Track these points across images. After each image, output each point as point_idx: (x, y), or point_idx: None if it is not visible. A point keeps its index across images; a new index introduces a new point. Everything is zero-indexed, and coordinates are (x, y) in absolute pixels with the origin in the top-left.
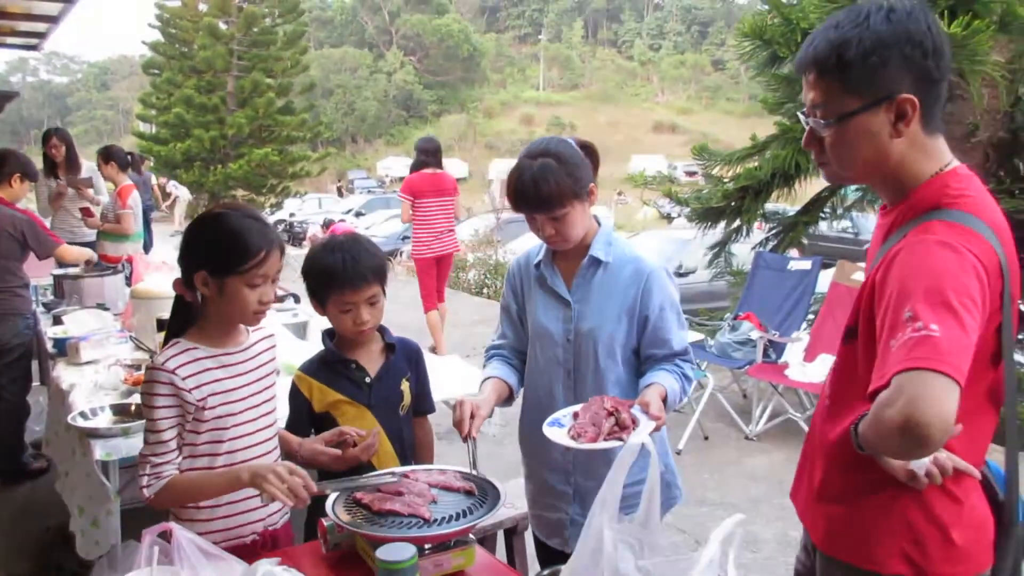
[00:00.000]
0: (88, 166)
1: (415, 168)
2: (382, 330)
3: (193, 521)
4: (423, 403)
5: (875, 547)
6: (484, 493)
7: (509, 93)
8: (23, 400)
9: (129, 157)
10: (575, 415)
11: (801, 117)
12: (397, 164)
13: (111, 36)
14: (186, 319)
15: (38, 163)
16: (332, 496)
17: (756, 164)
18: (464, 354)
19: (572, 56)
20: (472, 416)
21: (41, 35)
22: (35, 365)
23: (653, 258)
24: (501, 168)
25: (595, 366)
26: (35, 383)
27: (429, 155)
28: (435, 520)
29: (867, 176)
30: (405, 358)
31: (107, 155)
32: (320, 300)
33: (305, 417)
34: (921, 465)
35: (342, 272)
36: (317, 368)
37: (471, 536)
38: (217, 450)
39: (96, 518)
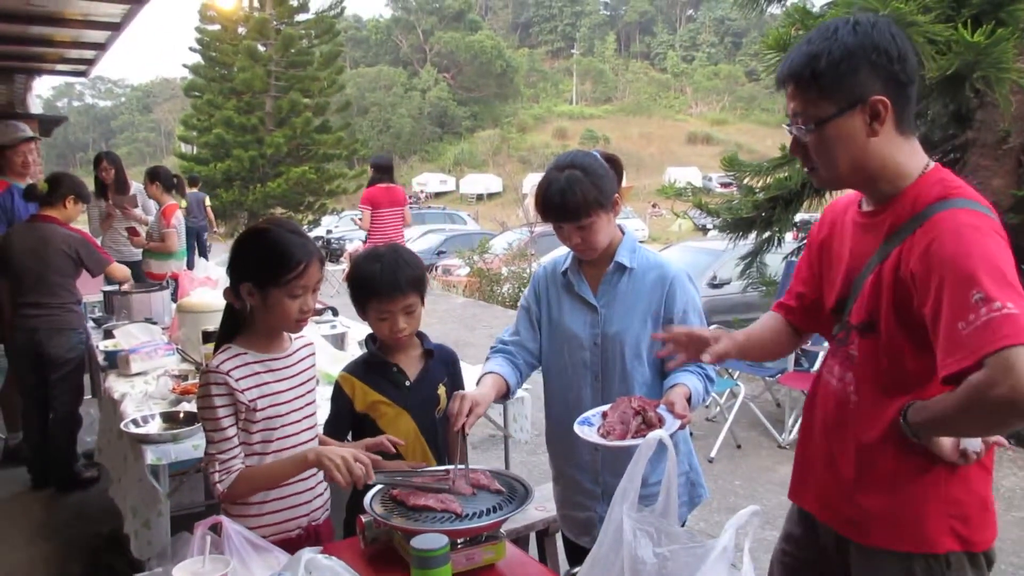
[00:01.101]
0: (135, 187)
1: (372, 183)
2: (421, 336)
3: (244, 516)
4: None
5: (927, 529)
6: (513, 491)
7: (542, 107)
8: (75, 411)
9: (175, 180)
10: (604, 414)
11: (785, 128)
12: (432, 180)
13: (153, 60)
14: (235, 326)
15: (89, 185)
16: (370, 494)
17: (786, 174)
18: None
19: (605, 69)
20: (470, 412)
21: (89, 62)
22: (87, 378)
23: (676, 264)
24: (535, 182)
25: (622, 368)
26: (86, 396)
27: (383, 171)
28: (467, 515)
29: (852, 176)
30: (442, 363)
31: (153, 176)
32: (361, 307)
33: (346, 416)
34: (975, 443)
35: (379, 282)
36: (360, 369)
37: (501, 531)
38: (267, 449)
39: (148, 520)
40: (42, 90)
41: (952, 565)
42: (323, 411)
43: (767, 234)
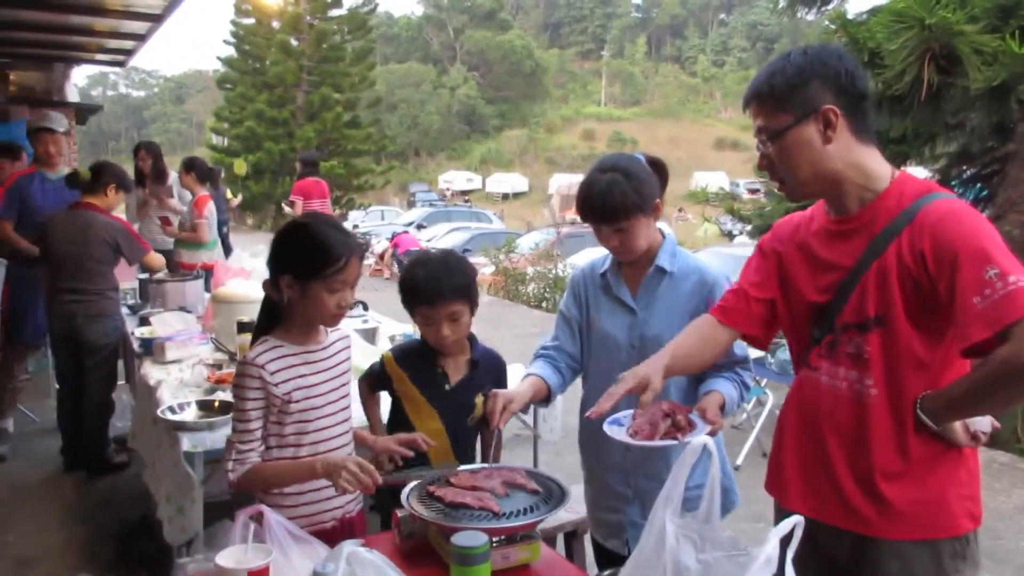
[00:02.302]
0: (172, 177)
1: (301, 176)
2: (472, 341)
3: (279, 507)
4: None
5: (950, 513)
6: (550, 491)
7: (571, 108)
8: (108, 397)
9: (211, 171)
10: (634, 416)
11: (755, 148)
12: (459, 178)
13: (186, 52)
14: (273, 318)
15: (129, 173)
16: (407, 489)
17: None
18: (522, 363)
19: (634, 72)
20: (504, 409)
21: (128, 52)
22: (120, 365)
23: (716, 269)
24: (561, 183)
25: None
26: (120, 382)
27: (311, 165)
28: (504, 514)
29: (815, 183)
30: (487, 372)
31: (189, 166)
32: (409, 311)
33: (383, 383)
34: (984, 424)
35: (422, 288)
36: (406, 357)
37: (537, 531)
38: (301, 441)
39: (181, 506)
40: (77, 79)
41: (970, 543)
42: (356, 405)
43: None
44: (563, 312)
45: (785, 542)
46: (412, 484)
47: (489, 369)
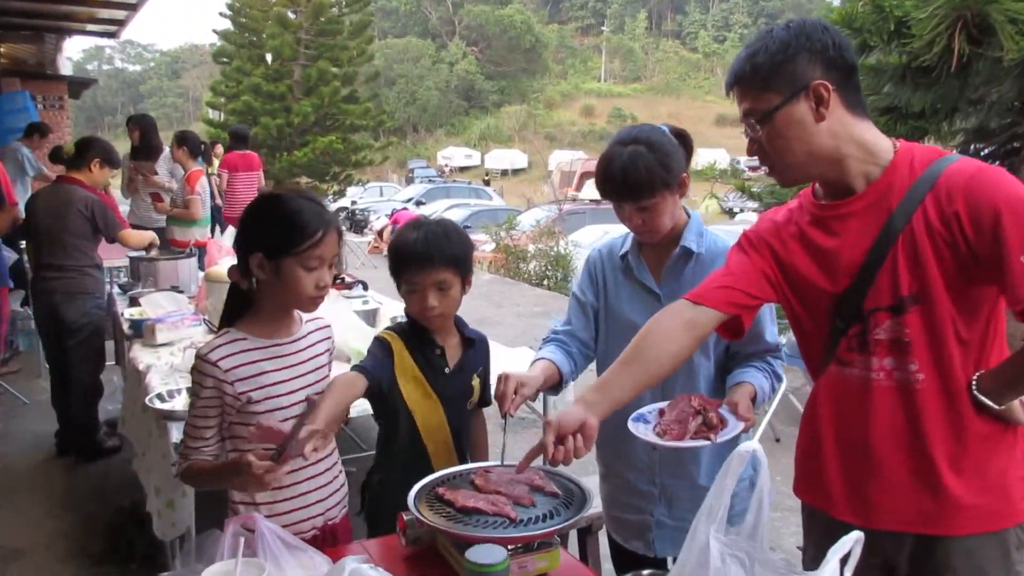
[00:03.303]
0: (165, 152)
1: (229, 149)
2: (459, 323)
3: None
4: (486, 395)
5: (1011, 499)
6: (570, 494)
7: (570, 84)
8: (95, 379)
9: (203, 146)
10: (660, 412)
11: (742, 134)
12: (457, 154)
13: (182, 25)
14: (240, 308)
15: (123, 149)
16: (414, 491)
17: None
18: (527, 346)
19: (635, 48)
20: (515, 392)
21: (120, 23)
22: (111, 345)
23: None
24: (561, 159)
25: (686, 363)
26: (110, 363)
27: (240, 139)
28: (521, 521)
29: (810, 165)
30: (480, 353)
31: (181, 140)
32: (396, 278)
33: (385, 369)
34: None
35: (412, 249)
36: (407, 335)
37: (556, 538)
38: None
39: (172, 500)
40: (72, 53)
41: None
42: None
43: None
44: (577, 296)
45: (842, 561)
46: (419, 485)
47: (480, 350)
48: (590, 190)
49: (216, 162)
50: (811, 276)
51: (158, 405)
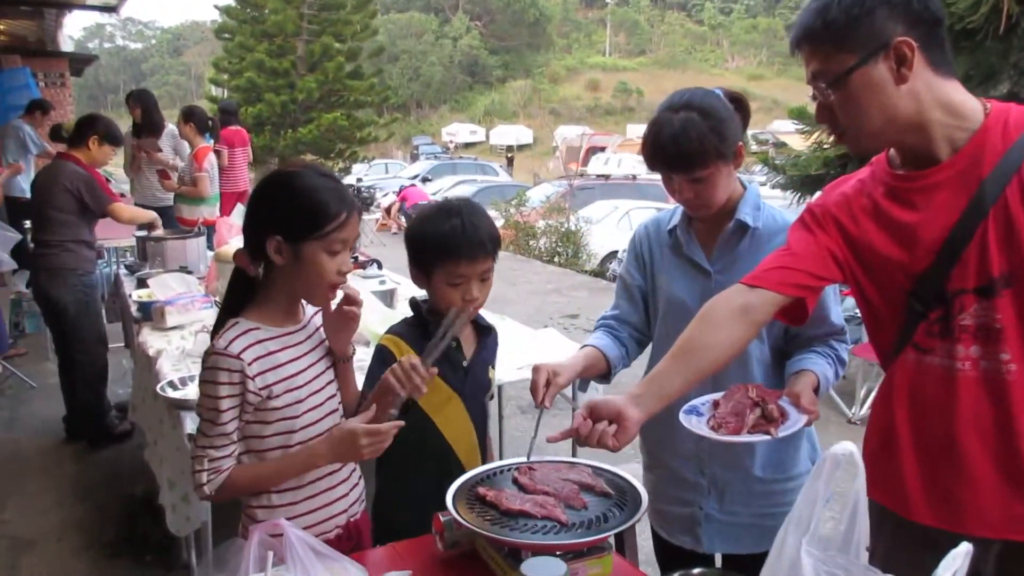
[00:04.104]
0: (169, 128)
1: (224, 125)
2: None
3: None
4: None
5: None
6: (623, 494)
7: (575, 58)
8: (96, 360)
9: (210, 123)
10: (715, 403)
11: (809, 99)
12: (462, 130)
13: (183, 2)
14: (245, 297)
15: (125, 127)
16: (452, 489)
17: None
18: (542, 325)
19: (640, 21)
20: (548, 384)
21: None
22: (117, 328)
23: None
24: (567, 134)
25: None
26: (118, 344)
27: (231, 114)
28: (573, 525)
29: (892, 132)
30: (494, 343)
31: (188, 115)
32: (425, 270)
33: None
34: None
35: (460, 239)
36: (411, 334)
37: (609, 541)
38: (289, 442)
39: (187, 493)
40: (72, 30)
41: None
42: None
43: None
44: (623, 278)
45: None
46: (457, 483)
47: (494, 339)
48: (596, 165)
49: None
50: (887, 254)
51: (170, 393)
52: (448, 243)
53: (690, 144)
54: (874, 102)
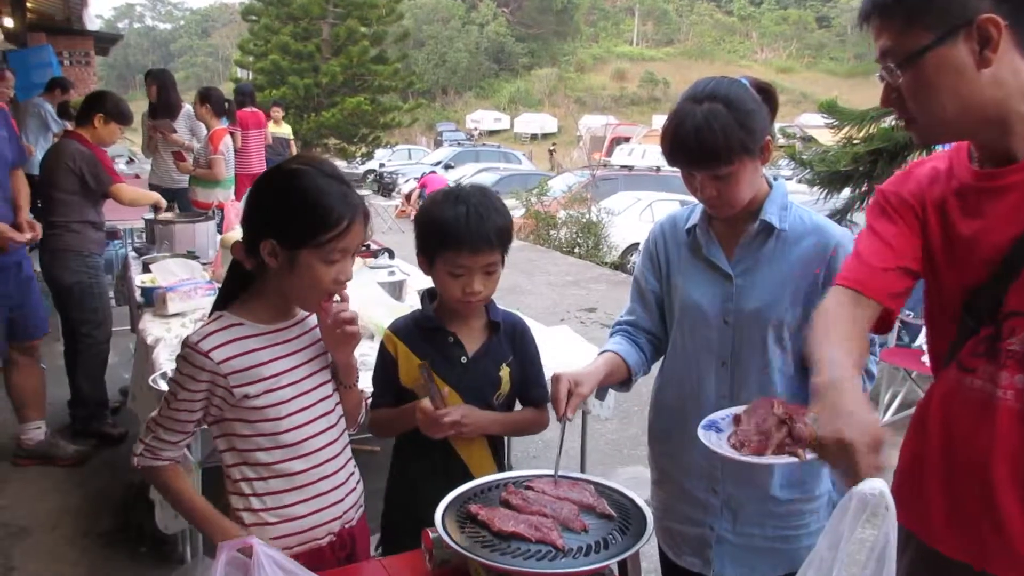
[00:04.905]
0: (186, 108)
1: (239, 106)
2: (488, 304)
3: (260, 525)
4: (534, 391)
5: None
6: (627, 516)
7: (601, 47)
8: (98, 346)
9: (227, 104)
10: (736, 418)
11: (877, 78)
12: (487, 117)
13: None
14: (240, 287)
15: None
16: (442, 506)
17: (893, 124)
18: (559, 318)
19: (668, 10)
20: (569, 394)
21: None
22: (124, 311)
23: (839, 228)
24: (592, 124)
25: (760, 356)
26: (123, 327)
27: (247, 96)
28: (571, 550)
29: (966, 122)
30: (509, 339)
31: (204, 97)
32: (429, 257)
33: (392, 380)
34: None
35: (463, 229)
36: (408, 331)
37: (611, 568)
38: (276, 443)
39: None
40: (102, 10)
41: None
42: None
43: (864, 189)
44: (637, 280)
45: None
46: (448, 499)
47: (511, 331)
48: (621, 155)
49: (270, 124)
50: (941, 259)
51: (162, 386)
52: (450, 231)
53: (713, 138)
54: (950, 87)
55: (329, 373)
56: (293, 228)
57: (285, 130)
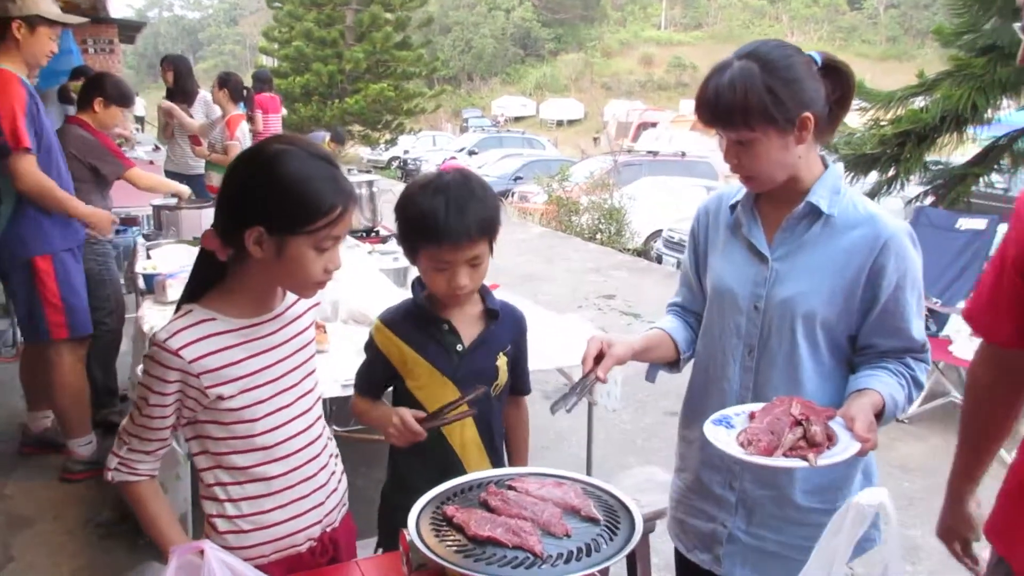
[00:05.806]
0: (202, 94)
1: (257, 91)
2: (483, 291)
3: (235, 532)
4: (520, 381)
5: None
6: (615, 518)
7: (629, 32)
8: (110, 334)
9: (245, 91)
10: (751, 415)
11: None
12: (512, 103)
13: None
14: (211, 280)
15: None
16: (416, 508)
17: (922, 105)
18: (576, 305)
19: None
20: (600, 355)
21: None
22: (131, 299)
23: (895, 219)
24: (618, 109)
25: (789, 348)
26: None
27: (265, 82)
28: (549, 557)
29: None
30: (507, 328)
31: (223, 82)
32: (411, 249)
33: (380, 372)
34: None
35: (442, 222)
36: (400, 320)
37: (596, 574)
38: (251, 446)
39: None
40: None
41: None
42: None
43: (891, 173)
44: (685, 262)
45: None
46: (424, 500)
47: (509, 322)
48: (647, 141)
49: (284, 111)
50: None
51: None
52: (428, 225)
53: (732, 96)
54: None
55: (309, 368)
56: (283, 214)
57: None
